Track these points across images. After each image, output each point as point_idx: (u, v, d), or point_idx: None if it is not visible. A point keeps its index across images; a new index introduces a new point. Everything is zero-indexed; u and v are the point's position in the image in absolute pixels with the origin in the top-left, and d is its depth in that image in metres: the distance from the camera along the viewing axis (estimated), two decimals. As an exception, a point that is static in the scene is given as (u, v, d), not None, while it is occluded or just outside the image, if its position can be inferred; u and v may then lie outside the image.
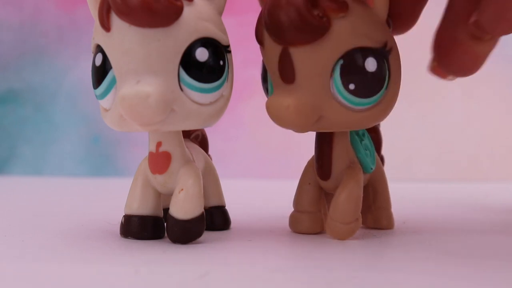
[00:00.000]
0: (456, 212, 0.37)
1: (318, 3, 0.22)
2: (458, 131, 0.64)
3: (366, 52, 0.23)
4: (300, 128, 0.24)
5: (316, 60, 0.23)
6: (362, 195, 0.25)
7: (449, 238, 0.26)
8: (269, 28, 0.23)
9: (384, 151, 0.30)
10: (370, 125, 0.25)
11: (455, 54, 0.25)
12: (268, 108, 0.24)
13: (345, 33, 0.22)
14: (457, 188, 0.54)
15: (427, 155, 0.64)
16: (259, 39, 0.24)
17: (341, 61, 0.23)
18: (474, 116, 0.65)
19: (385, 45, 0.23)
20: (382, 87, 0.23)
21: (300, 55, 0.23)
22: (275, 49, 0.23)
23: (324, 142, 0.26)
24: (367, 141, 0.27)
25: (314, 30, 0.22)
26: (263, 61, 0.25)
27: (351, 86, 0.23)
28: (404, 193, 0.46)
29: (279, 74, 0.24)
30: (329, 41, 0.22)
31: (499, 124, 0.65)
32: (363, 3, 0.23)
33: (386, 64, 0.23)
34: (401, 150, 0.62)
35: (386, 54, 0.23)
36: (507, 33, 0.24)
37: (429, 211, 0.37)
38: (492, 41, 0.25)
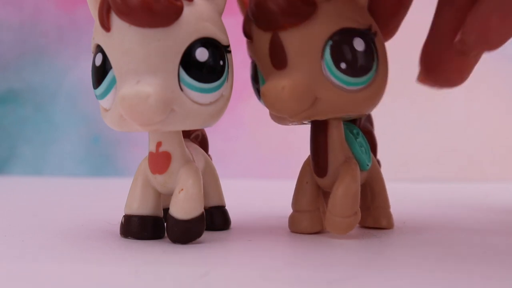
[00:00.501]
0: (456, 212, 0.37)
1: None
2: (458, 131, 0.64)
3: (353, 32, 0.24)
4: (296, 112, 0.24)
5: (305, 42, 0.23)
6: (359, 189, 0.26)
7: (449, 238, 0.26)
8: (258, 18, 0.24)
9: (384, 151, 0.30)
10: (365, 110, 0.25)
11: (442, 68, 0.26)
12: (263, 93, 0.24)
13: (331, 16, 0.23)
14: (457, 188, 0.54)
15: (427, 155, 0.64)
16: (248, 33, 0.25)
17: (330, 42, 0.23)
18: (474, 116, 0.65)
19: (370, 28, 0.24)
20: (371, 66, 0.24)
21: (290, 38, 0.23)
22: (265, 38, 0.24)
23: (319, 137, 0.26)
24: (362, 139, 0.27)
25: (301, 11, 0.23)
26: (252, 61, 0.26)
27: (343, 65, 0.23)
28: (404, 193, 0.46)
29: (270, 62, 0.24)
30: (317, 23, 0.23)
31: (499, 124, 0.65)
32: None
33: (373, 45, 0.24)
34: (401, 150, 0.62)
35: (372, 36, 0.24)
36: (492, 50, 0.25)
37: (429, 211, 0.37)
38: (477, 55, 0.26)
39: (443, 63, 0.26)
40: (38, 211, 0.36)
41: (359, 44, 0.23)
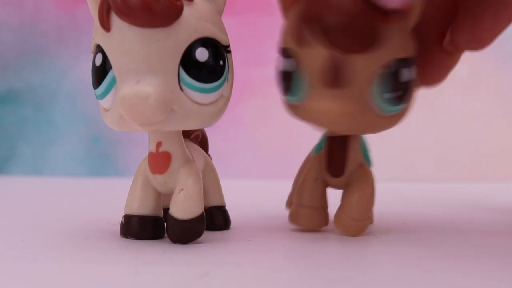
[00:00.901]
0: (456, 212, 0.37)
1: (370, 11, 0.22)
2: (458, 131, 0.64)
3: (402, 63, 0.23)
4: (335, 132, 0.25)
5: (364, 68, 0.22)
6: (375, 193, 0.26)
7: (449, 238, 0.26)
8: (316, 31, 0.22)
9: (385, 151, 0.30)
10: (383, 130, 0.25)
11: (428, 67, 0.26)
12: (313, 110, 0.23)
13: (390, 44, 0.22)
14: (457, 188, 0.54)
15: (428, 155, 0.64)
16: (298, 39, 0.23)
17: (382, 71, 0.22)
18: (474, 116, 0.65)
19: (413, 55, 0.24)
20: (409, 98, 0.24)
21: (351, 62, 0.22)
22: (320, 52, 0.22)
23: (340, 141, 0.26)
24: None
25: (369, 40, 0.22)
26: (287, 54, 0.24)
27: (387, 96, 0.23)
28: (404, 193, 0.46)
29: (322, 77, 0.23)
30: (378, 51, 0.22)
31: (499, 124, 0.65)
32: (402, 14, 0.23)
33: (412, 75, 0.24)
34: (401, 150, 0.62)
35: (413, 65, 0.24)
36: (481, 49, 0.25)
37: (429, 211, 0.37)
38: (461, 54, 0.26)
39: (430, 63, 0.26)
40: (38, 211, 0.36)
41: (406, 75, 0.23)
